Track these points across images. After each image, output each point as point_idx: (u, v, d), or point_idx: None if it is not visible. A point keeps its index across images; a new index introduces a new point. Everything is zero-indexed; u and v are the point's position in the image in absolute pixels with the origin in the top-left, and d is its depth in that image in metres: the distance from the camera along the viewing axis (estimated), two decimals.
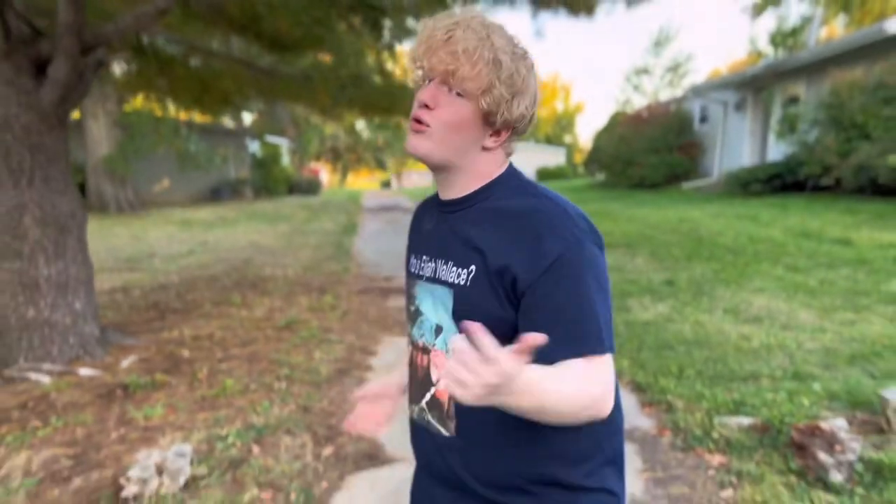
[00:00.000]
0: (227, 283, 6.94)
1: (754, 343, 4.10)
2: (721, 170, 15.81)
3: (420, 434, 1.05)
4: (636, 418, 3.16)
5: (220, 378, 3.80)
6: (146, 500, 2.33)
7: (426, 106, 0.91)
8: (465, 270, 0.93)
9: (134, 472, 2.40)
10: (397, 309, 5.59)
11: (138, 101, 14.77)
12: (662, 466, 2.67)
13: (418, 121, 0.92)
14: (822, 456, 2.40)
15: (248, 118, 24.12)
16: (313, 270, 7.80)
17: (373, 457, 2.79)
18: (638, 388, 3.52)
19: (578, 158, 41.93)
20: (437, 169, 0.98)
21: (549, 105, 51.67)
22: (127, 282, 7.04)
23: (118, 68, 6.55)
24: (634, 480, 2.54)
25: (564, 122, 52.04)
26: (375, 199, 24.49)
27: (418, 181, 48.53)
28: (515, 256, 0.88)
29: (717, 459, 2.68)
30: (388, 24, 5.38)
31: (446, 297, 0.96)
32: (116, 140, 15.20)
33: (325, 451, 2.85)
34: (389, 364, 4.15)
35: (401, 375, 1.18)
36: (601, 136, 21.20)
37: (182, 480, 2.44)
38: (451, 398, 0.96)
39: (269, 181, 23.01)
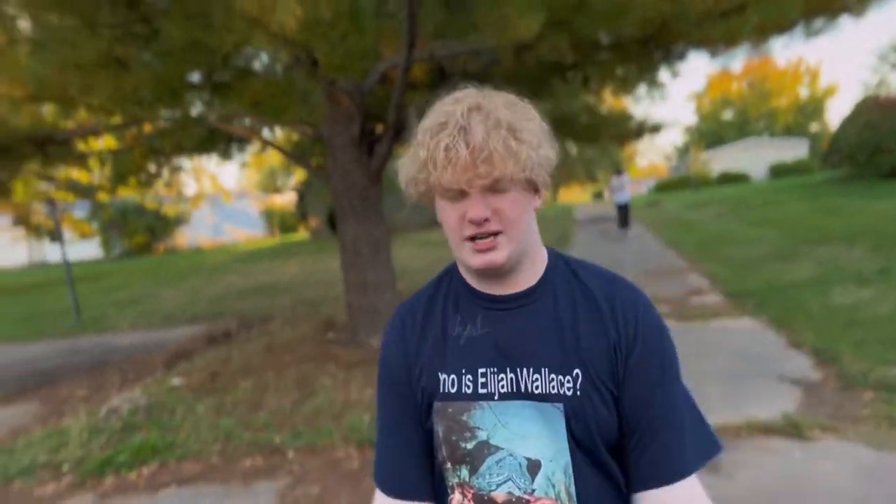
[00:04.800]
0: None
1: None
2: None
3: None
4: (807, 372, 3.94)
5: None
6: None
7: (485, 221, 0.78)
8: (569, 377, 0.77)
9: None
10: None
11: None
12: (819, 398, 3.50)
13: (483, 235, 0.79)
14: None
15: None
16: None
17: None
18: (815, 352, 4.23)
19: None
20: (508, 272, 0.84)
21: (790, 92, 46.81)
22: (399, 290, 9.39)
23: None
24: (790, 405, 3.44)
25: (809, 110, 46.57)
26: (587, 211, 25.56)
27: (635, 188, 47.51)
28: (614, 339, 0.78)
29: (868, 395, 3.42)
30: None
31: (553, 415, 0.76)
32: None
33: None
34: None
35: None
36: (845, 126, 19.16)
37: None
38: None
39: None
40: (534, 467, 0.75)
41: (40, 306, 11.85)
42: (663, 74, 9.31)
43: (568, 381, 0.76)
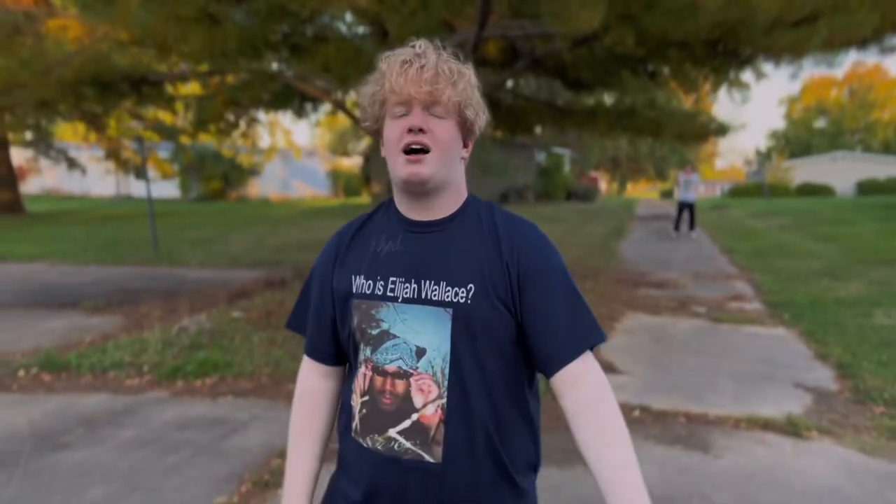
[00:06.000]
0: None
1: None
2: None
3: (381, 465, 0.98)
4: (825, 382, 4.04)
5: None
6: None
7: (421, 130, 0.94)
8: (463, 289, 0.96)
9: None
10: (644, 296, 6.90)
11: None
12: (828, 406, 3.62)
13: (415, 150, 0.95)
14: None
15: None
16: (580, 263, 9.48)
17: None
18: (838, 365, 4.30)
19: None
20: (430, 192, 1.00)
21: (891, 106, 43.48)
22: None
23: None
24: (797, 408, 3.58)
25: None
26: (648, 208, 25.09)
27: (710, 191, 45.84)
28: (511, 263, 0.98)
29: (879, 409, 3.52)
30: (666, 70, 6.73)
31: (441, 317, 0.96)
32: None
33: None
34: (628, 329, 5.58)
35: (302, 494, 1.09)
36: None
37: None
38: (440, 422, 0.95)
39: (549, 187, 25.51)
40: (420, 353, 0.97)
41: (124, 235, 12.97)
42: (747, 76, 9.12)
43: (461, 292, 0.96)
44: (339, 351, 1.11)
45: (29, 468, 2.79)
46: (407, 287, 0.99)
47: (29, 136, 18.64)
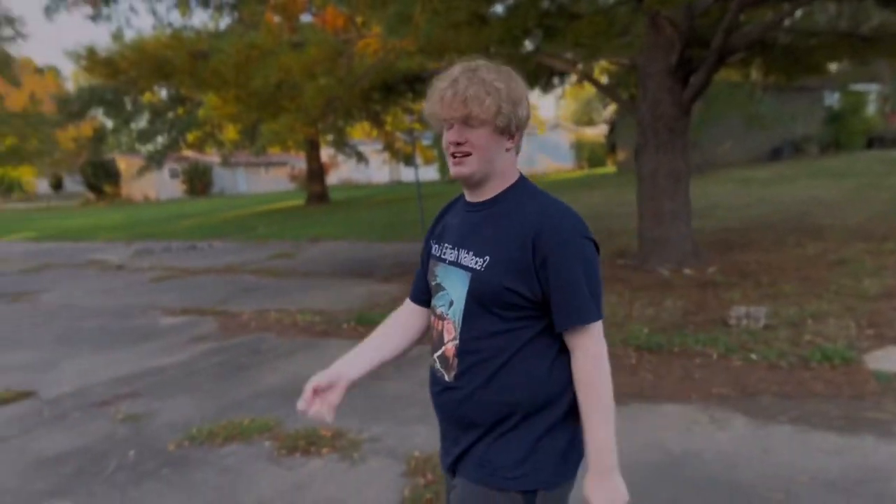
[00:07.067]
0: (783, 230, 8.13)
1: None
2: None
3: (433, 377, 1.31)
4: None
5: (778, 286, 5.31)
6: (741, 327, 4.18)
7: (458, 143, 1.19)
8: (481, 259, 1.20)
9: (733, 313, 4.30)
10: None
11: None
12: None
13: (457, 153, 1.20)
14: None
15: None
16: (879, 221, 7.99)
17: None
18: None
19: None
20: (477, 182, 1.24)
21: None
22: (697, 226, 9.16)
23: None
24: None
25: None
26: None
27: None
28: (536, 243, 1.16)
29: None
30: None
31: (464, 278, 1.22)
32: (695, 109, 17.49)
33: (867, 332, 4.01)
34: None
35: (354, 364, 1.38)
36: None
37: (761, 324, 4.17)
38: (454, 356, 1.24)
39: (840, 135, 21.32)
40: (451, 303, 1.26)
41: (398, 216, 15.19)
42: None
43: (480, 261, 1.21)
44: (425, 297, 1.43)
45: (367, 392, 3.67)
46: (452, 252, 1.28)
47: (330, 137, 22.78)
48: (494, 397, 1.20)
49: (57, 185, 49.76)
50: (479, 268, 1.20)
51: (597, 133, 34.21)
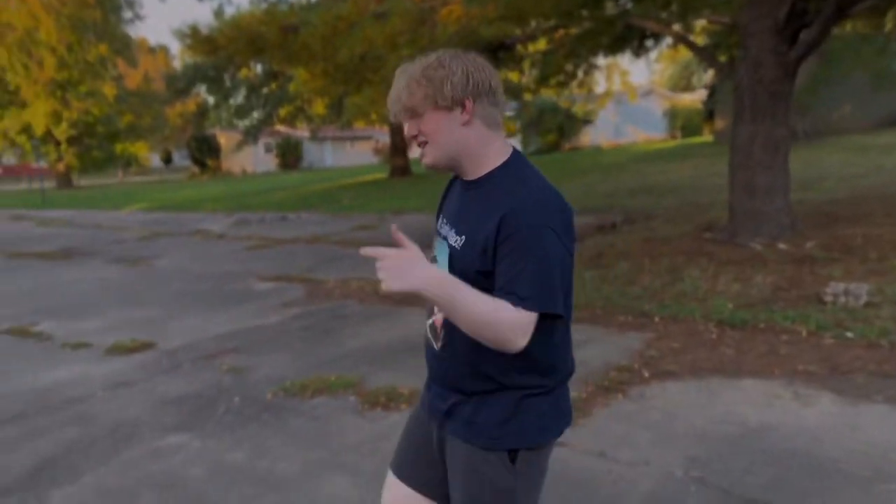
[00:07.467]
0: None
1: None
2: None
3: (426, 342, 1.41)
4: None
5: (889, 261, 4.90)
6: (838, 305, 3.94)
7: (413, 136, 1.26)
8: (459, 238, 1.26)
9: (830, 290, 4.06)
10: None
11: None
12: None
13: (420, 145, 1.27)
14: None
15: None
16: None
17: None
18: None
19: None
20: (451, 168, 1.31)
21: None
22: (799, 198, 8.53)
23: None
24: None
25: None
26: None
27: None
28: (500, 223, 1.16)
29: None
30: None
31: (446, 254, 1.30)
32: (807, 70, 15.51)
33: None
34: None
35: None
36: None
37: (861, 301, 3.90)
38: (441, 324, 1.31)
39: None
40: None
41: None
42: None
43: (459, 240, 1.26)
44: None
45: None
46: (445, 227, 1.34)
47: None
48: (477, 368, 1.26)
49: (167, 159, 53.92)
50: (456, 245, 1.27)
51: (694, 99, 32.13)
